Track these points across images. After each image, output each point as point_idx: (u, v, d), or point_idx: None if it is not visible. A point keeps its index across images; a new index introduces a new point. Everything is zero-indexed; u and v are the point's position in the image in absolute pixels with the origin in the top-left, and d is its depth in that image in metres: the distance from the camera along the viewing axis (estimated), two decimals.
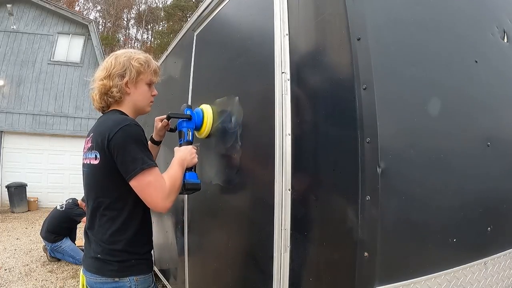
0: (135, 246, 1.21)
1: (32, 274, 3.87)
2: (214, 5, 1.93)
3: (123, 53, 1.32)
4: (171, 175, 1.23)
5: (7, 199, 8.21)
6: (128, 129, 1.15)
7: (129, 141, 1.14)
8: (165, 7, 29.50)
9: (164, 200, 1.16)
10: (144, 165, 1.13)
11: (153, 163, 1.16)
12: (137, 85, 1.31)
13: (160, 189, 1.15)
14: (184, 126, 1.57)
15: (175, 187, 1.21)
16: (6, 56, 9.08)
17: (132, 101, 1.31)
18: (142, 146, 1.16)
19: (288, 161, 1.21)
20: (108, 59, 1.31)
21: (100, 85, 1.27)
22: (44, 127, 9.07)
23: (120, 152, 1.13)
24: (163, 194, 1.15)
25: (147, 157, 1.16)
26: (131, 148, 1.13)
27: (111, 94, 1.26)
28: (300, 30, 1.27)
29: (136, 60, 1.29)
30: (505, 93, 1.41)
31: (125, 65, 1.27)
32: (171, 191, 1.19)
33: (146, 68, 1.31)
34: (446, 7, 1.29)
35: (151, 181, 1.14)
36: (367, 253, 0.93)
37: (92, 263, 1.22)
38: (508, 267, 1.30)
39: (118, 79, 1.26)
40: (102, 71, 1.29)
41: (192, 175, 1.42)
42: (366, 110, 0.97)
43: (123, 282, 1.19)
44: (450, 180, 1.13)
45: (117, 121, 1.18)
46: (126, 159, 1.13)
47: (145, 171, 1.13)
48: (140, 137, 1.17)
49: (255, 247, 1.42)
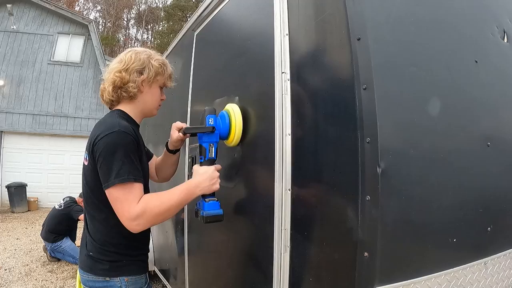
0: (126, 248, 1.20)
1: (32, 274, 3.87)
2: (214, 5, 1.93)
3: (143, 50, 1.28)
4: (162, 201, 1.11)
5: (7, 199, 8.21)
6: (114, 136, 1.08)
7: (111, 149, 1.07)
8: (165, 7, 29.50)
9: (130, 221, 1.06)
10: (116, 179, 1.05)
11: (130, 177, 1.06)
12: (152, 86, 1.28)
13: (126, 208, 1.06)
14: (205, 140, 1.29)
15: (153, 215, 1.08)
16: (6, 56, 9.08)
17: (143, 100, 1.27)
18: (124, 156, 1.07)
19: (288, 161, 1.21)
20: (126, 52, 1.26)
21: (117, 77, 1.21)
22: (44, 127, 9.07)
23: (100, 159, 1.08)
24: (129, 214, 1.06)
25: (126, 169, 1.06)
26: (110, 157, 1.07)
27: (127, 88, 1.21)
28: (300, 30, 1.27)
29: (156, 60, 1.26)
30: (505, 93, 1.41)
31: (144, 62, 1.23)
32: (142, 217, 1.06)
33: (164, 71, 1.29)
34: (446, 7, 1.29)
35: (119, 197, 1.06)
36: (367, 253, 0.93)
37: (85, 261, 1.22)
38: (508, 267, 1.30)
39: (136, 74, 1.22)
40: (119, 63, 1.23)
41: (213, 205, 1.21)
42: (366, 110, 0.97)
43: (113, 282, 1.18)
44: (450, 180, 1.13)
45: (108, 126, 1.12)
46: (104, 168, 1.08)
47: (117, 186, 1.06)
48: (124, 146, 1.09)
49: (255, 247, 1.42)
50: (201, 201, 1.24)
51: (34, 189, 8.53)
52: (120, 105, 1.28)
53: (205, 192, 1.20)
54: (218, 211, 1.22)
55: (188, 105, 2.19)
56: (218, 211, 1.22)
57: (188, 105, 2.19)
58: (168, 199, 1.12)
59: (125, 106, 1.27)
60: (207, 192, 1.20)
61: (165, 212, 1.12)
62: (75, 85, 9.47)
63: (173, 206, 1.13)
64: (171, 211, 1.14)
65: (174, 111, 2.49)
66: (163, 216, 1.12)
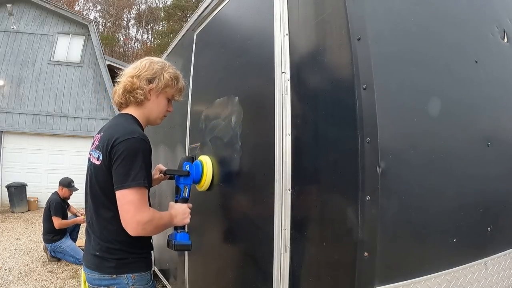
0: (132, 247, 1.22)
1: (32, 274, 3.87)
2: (214, 5, 1.93)
3: (159, 61, 1.35)
4: (159, 217, 1.22)
5: (7, 199, 8.21)
6: (135, 142, 1.15)
7: (131, 153, 1.13)
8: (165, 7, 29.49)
9: (138, 225, 1.13)
10: (133, 182, 1.11)
11: (145, 183, 1.14)
12: (159, 96, 1.33)
13: (140, 211, 1.13)
14: (181, 182, 1.50)
15: (155, 225, 1.18)
16: (6, 56, 9.07)
17: (149, 108, 1.33)
18: (142, 163, 1.14)
19: (288, 161, 1.21)
20: (142, 60, 1.34)
21: (128, 82, 1.28)
22: (44, 127, 9.06)
23: (118, 161, 1.13)
24: (141, 218, 1.12)
25: (142, 175, 1.13)
26: (130, 161, 1.13)
27: (135, 94, 1.28)
28: (300, 30, 1.27)
29: (168, 72, 1.32)
30: (505, 93, 1.41)
31: (156, 72, 1.30)
32: (149, 224, 1.15)
33: (174, 84, 1.34)
34: (446, 7, 1.29)
35: (133, 200, 1.12)
36: (367, 253, 0.93)
37: (91, 260, 1.24)
38: (508, 267, 1.30)
39: (146, 82, 1.28)
40: (133, 69, 1.30)
41: (183, 236, 1.38)
42: (366, 110, 0.97)
43: (120, 279, 1.20)
44: (450, 180, 1.13)
45: (128, 130, 1.18)
46: (121, 170, 1.13)
47: (133, 189, 1.12)
48: (144, 153, 1.16)
49: (255, 247, 1.42)
50: (174, 232, 1.40)
51: (34, 189, 8.52)
52: (128, 108, 1.33)
53: (178, 224, 1.36)
54: (187, 241, 1.40)
55: (188, 105, 2.19)
56: (187, 242, 1.40)
57: (188, 105, 2.19)
58: (160, 218, 1.24)
59: (133, 110, 1.32)
60: (180, 224, 1.36)
61: (161, 226, 1.24)
62: (75, 85, 9.46)
63: (165, 225, 1.27)
64: (163, 228, 1.27)
65: (174, 111, 2.49)
66: (159, 229, 1.23)
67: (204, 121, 1.94)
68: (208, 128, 1.88)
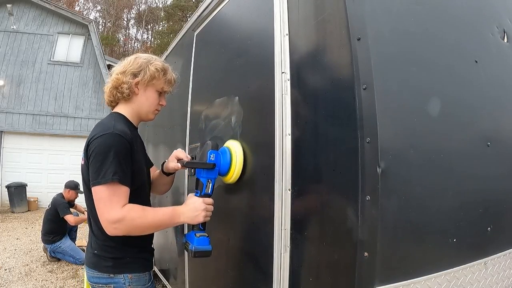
0: (128, 246, 1.22)
1: (32, 274, 3.87)
2: (214, 5, 1.93)
3: (145, 56, 1.34)
4: (145, 215, 1.13)
5: (7, 199, 8.20)
6: (108, 138, 1.12)
7: (102, 150, 1.10)
8: (165, 7, 29.49)
9: (108, 223, 1.08)
10: (103, 179, 1.07)
11: (114, 178, 1.07)
12: (147, 89, 1.30)
13: (107, 209, 1.07)
14: (204, 176, 1.26)
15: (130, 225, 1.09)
16: (6, 56, 9.07)
17: (138, 102, 1.31)
18: (114, 158, 1.09)
19: (288, 161, 1.21)
20: (129, 57, 1.33)
21: (114, 79, 1.28)
22: (44, 127, 9.06)
23: (91, 158, 1.12)
24: (109, 216, 1.07)
25: (113, 170, 1.08)
26: (101, 157, 1.10)
27: (121, 89, 1.27)
28: (300, 30, 1.27)
29: (154, 65, 1.30)
30: (505, 93, 1.41)
31: (141, 66, 1.28)
32: (121, 223, 1.07)
33: (161, 76, 1.31)
34: (446, 7, 1.29)
35: (103, 197, 1.08)
36: (367, 253, 0.93)
37: (90, 258, 1.25)
38: (508, 267, 1.30)
39: (131, 77, 1.27)
40: (120, 66, 1.31)
41: (203, 241, 1.21)
42: (366, 110, 0.97)
43: (117, 278, 1.21)
44: (450, 180, 1.13)
45: (104, 127, 1.16)
46: (92, 167, 1.11)
47: (103, 185, 1.08)
48: (117, 148, 1.11)
49: (255, 247, 1.42)
50: (191, 233, 1.23)
51: (34, 189, 8.52)
52: (117, 106, 1.33)
53: (188, 222, 1.21)
54: (207, 246, 1.22)
55: (188, 105, 2.19)
56: (207, 247, 1.22)
57: (188, 105, 2.19)
58: (151, 216, 1.15)
59: (122, 107, 1.32)
60: (190, 222, 1.21)
61: (145, 226, 1.14)
62: (75, 85, 9.46)
63: (154, 224, 1.16)
64: (150, 228, 1.17)
65: (174, 111, 2.50)
66: (141, 229, 1.14)
67: (204, 121, 1.94)
68: (208, 128, 1.88)
